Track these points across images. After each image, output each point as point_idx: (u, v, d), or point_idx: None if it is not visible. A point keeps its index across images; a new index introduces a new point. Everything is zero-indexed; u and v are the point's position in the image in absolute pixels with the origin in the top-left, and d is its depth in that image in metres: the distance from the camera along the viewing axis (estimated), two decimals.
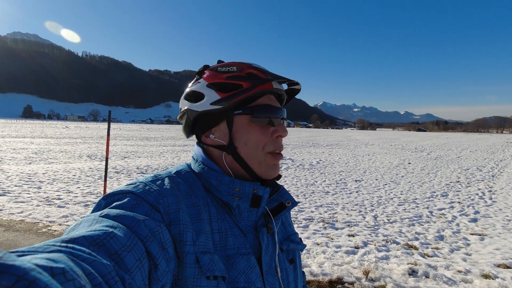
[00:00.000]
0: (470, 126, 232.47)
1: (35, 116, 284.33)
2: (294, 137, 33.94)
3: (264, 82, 0.66)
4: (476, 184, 8.64)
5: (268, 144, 0.67)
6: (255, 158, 0.66)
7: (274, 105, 0.68)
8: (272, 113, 0.67)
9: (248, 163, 0.66)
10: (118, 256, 0.39)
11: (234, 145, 0.66)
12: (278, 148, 0.68)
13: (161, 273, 0.46)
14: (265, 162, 0.67)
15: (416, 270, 3.29)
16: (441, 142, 30.24)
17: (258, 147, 0.66)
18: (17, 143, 16.39)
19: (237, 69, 0.67)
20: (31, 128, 37.50)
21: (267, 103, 0.68)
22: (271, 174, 0.68)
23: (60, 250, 0.33)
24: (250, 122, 0.66)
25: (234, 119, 0.66)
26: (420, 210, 5.85)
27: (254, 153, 0.66)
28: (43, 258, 0.28)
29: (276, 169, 0.69)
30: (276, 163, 0.69)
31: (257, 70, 0.67)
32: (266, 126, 0.67)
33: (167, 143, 20.72)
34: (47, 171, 8.37)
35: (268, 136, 0.67)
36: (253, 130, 0.66)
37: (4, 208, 4.96)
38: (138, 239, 0.44)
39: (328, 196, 6.75)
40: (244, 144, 0.66)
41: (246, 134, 0.66)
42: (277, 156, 0.68)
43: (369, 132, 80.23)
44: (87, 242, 0.38)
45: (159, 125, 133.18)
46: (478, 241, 4.31)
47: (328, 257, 3.63)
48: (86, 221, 0.45)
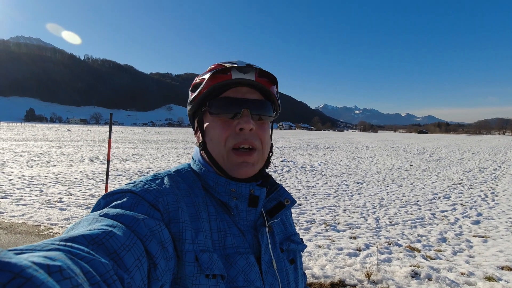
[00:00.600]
0: (472, 128, 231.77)
1: (37, 119, 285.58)
2: (296, 140, 33.92)
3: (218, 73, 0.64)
4: (478, 186, 8.59)
5: (230, 138, 0.63)
6: (219, 153, 0.65)
7: (233, 97, 0.65)
8: (230, 106, 0.64)
9: (216, 159, 0.65)
10: (117, 255, 0.39)
11: (205, 141, 0.67)
12: (240, 141, 0.63)
13: (160, 273, 0.46)
14: (229, 159, 0.64)
15: (419, 272, 3.27)
16: (443, 144, 30.13)
17: (220, 141, 0.64)
18: (20, 146, 16.45)
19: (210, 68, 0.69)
20: (33, 131, 37.68)
21: (228, 95, 0.65)
22: (238, 173, 0.63)
23: (59, 248, 0.33)
24: (213, 117, 0.66)
25: (202, 117, 0.69)
26: (422, 212, 5.82)
27: (217, 148, 0.65)
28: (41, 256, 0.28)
29: (245, 167, 0.63)
30: (245, 161, 0.63)
31: (223, 64, 0.67)
32: (228, 120, 0.65)
33: (168, 145, 20.76)
34: (49, 174, 8.39)
35: (231, 130, 0.64)
36: (216, 125, 0.65)
37: (6, 210, 4.97)
38: (138, 238, 0.44)
39: (329, 198, 6.73)
40: (210, 139, 0.66)
41: (211, 129, 0.66)
42: (241, 154, 0.63)
43: (371, 134, 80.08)
44: (86, 241, 0.38)
45: (160, 127, 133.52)
46: (481, 243, 4.28)
47: (330, 260, 3.61)
48: (85, 220, 0.45)
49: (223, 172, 0.65)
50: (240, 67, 0.64)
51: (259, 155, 0.66)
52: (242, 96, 0.66)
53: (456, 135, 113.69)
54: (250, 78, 0.65)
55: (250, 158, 0.64)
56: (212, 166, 0.67)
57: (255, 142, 0.65)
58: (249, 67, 0.64)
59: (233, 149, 0.64)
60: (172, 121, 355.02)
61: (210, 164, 0.67)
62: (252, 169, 0.65)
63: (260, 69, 0.67)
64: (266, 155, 0.70)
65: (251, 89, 0.67)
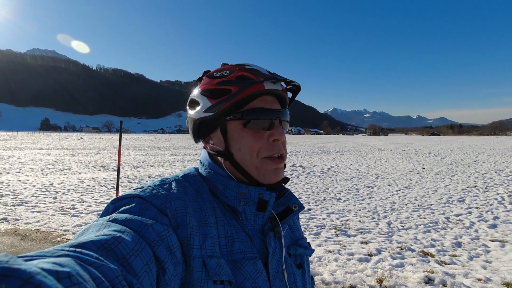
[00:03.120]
0: (486, 129, 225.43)
1: (52, 129, 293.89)
2: (305, 144, 33.73)
3: (253, 84, 0.63)
4: (494, 188, 8.31)
5: (263, 149, 0.64)
6: (251, 163, 0.64)
7: (266, 108, 0.65)
8: (263, 116, 0.64)
9: (245, 168, 0.64)
10: (126, 260, 0.40)
11: (230, 151, 0.65)
12: (274, 152, 0.65)
13: (169, 277, 0.46)
14: (262, 167, 0.64)
15: (433, 278, 3.17)
16: (456, 146, 29.39)
17: (253, 152, 0.63)
18: (35, 154, 16.94)
19: (229, 73, 0.66)
20: (48, 140, 38.75)
21: (259, 106, 0.65)
22: (271, 179, 0.65)
23: (68, 254, 0.33)
24: (242, 127, 0.64)
25: (227, 125, 0.65)
26: (436, 216, 5.67)
27: (249, 158, 0.64)
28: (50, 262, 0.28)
29: (277, 173, 0.66)
30: (277, 168, 0.65)
31: (249, 72, 0.65)
32: (260, 131, 0.64)
33: (178, 152, 20.97)
34: (63, 181, 8.59)
35: (263, 140, 0.64)
36: (246, 135, 0.64)
37: (21, 217, 5.11)
38: (146, 243, 0.44)
39: (340, 203, 6.64)
40: (239, 150, 0.64)
41: (239, 139, 0.64)
42: (275, 161, 0.65)
43: (381, 138, 78.91)
44: (95, 247, 0.38)
45: (170, 134, 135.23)
46: (499, 248, 4.13)
47: (341, 265, 3.55)
48: (94, 226, 0.45)
49: (252, 180, 0.65)
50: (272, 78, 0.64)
51: (284, 160, 0.68)
52: (271, 106, 0.66)
53: (469, 136, 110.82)
54: (278, 88, 0.66)
55: (281, 164, 0.66)
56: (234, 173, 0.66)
57: (283, 150, 0.67)
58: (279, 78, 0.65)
59: (264, 158, 0.64)
60: (182, 127, 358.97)
61: (225, 168, 0.67)
62: (281, 174, 0.67)
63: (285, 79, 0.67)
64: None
65: (274, 98, 0.68)
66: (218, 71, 0.68)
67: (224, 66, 0.69)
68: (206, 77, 0.69)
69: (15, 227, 4.67)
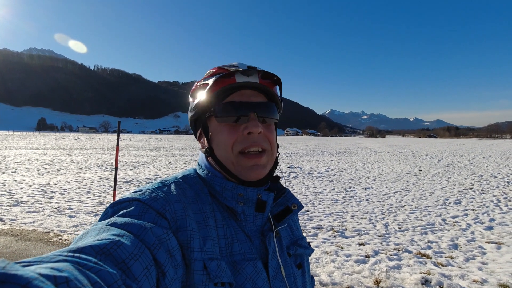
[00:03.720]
0: (482, 132, 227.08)
1: (48, 129, 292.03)
2: (303, 146, 33.79)
3: (222, 77, 0.63)
4: (490, 191, 8.38)
5: (237, 143, 0.63)
6: (227, 158, 0.64)
7: (238, 101, 0.64)
8: (237, 110, 0.63)
9: (225, 164, 0.64)
10: (125, 264, 0.39)
11: (212, 147, 0.66)
12: (248, 145, 0.62)
13: (169, 281, 0.45)
14: (238, 163, 0.63)
15: (430, 279, 3.19)
16: (453, 149, 29.58)
17: (227, 147, 0.63)
18: (31, 154, 16.82)
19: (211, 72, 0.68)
20: (45, 140, 38.50)
21: (233, 100, 0.64)
22: (249, 176, 0.63)
23: (66, 259, 0.33)
24: (218, 122, 0.65)
25: (207, 122, 0.67)
26: (433, 218, 5.70)
27: (225, 154, 0.64)
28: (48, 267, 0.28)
29: (256, 170, 0.63)
30: (256, 164, 0.63)
31: (224, 68, 0.66)
32: (236, 125, 0.64)
33: (175, 153, 20.92)
34: (59, 181, 8.54)
35: (238, 134, 0.63)
36: (222, 130, 0.64)
37: (17, 218, 5.07)
38: (146, 247, 0.44)
39: (337, 204, 6.65)
40: (217, 145, 0.65)
41: (216, 135, 0.65)
42: (250, 157, 0.63)
43: (378, 139, 79.24)
44: (94, 252, 0.38)
45: (168, 135, 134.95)
46: (495, 250, 4.15)
47: (338, 266, 3.55)
48: (93, 230, 0.45)
49: (233, 176, 0.64)
50: (243, 70, 0.63)
51: (269, 157, 0.66)
52: (248, 99, 0.65)
53: (466, 139, 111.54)
54: (254, 80, 0.65)
55: (261, 160, 0.64)
56: (221, 171, 0.66)
57: (264, 144, 0.65)
58: (252, 70, 0.64)
59: (240, 153, 0.63)
60: (179, 128, 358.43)
61: (218, 169, 0.67)
62: (263, 171, 0.65)
63: (263, 71, 0.66)
64: (275, 156, 0.70)
65: (255, 92, 0.66)
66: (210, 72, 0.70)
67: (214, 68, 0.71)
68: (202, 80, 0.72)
69: (11, 227, 4.63)
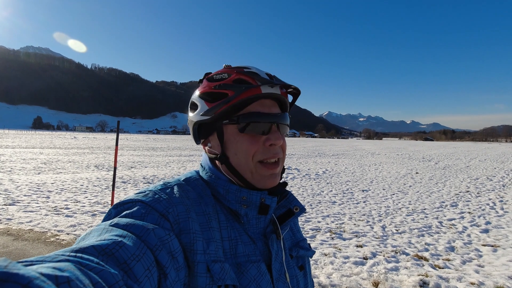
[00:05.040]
0: (478, 135, 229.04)
1: (44, 127, 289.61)
2: (300, 147, 33.85)
3: (249, 88, 0.62)
4: (486, 194, 8.46)
5: (258, 153, 0.63)
6: (246, 168, 0.64)
7: (263, 112, 0.64)
8: (259, 120, 0.63)
9: (241, 172, 0.64)
10: (127, 265, 0.39)
11: (226, 154, 0.65)
12: (270, 156, 0.64)
13: (170, 283, 0.45)
14: (257, 172, 0.64)
15: (427, 281, 3.21)
16: (449, 152, 29.80)
17: (248, 156, 0.63)
18: (27, 153, 16.68)
19: (227, 76, 0.65)
20: (41, 139, 38.20)
21: (256, 110, 0.64)
22: (266, 184, 0.65)
23: (68, 259, 0.33)
24: (238, 131, 0.64)
25: (223, 129, 0.65)
26: (430, 220, 5.74)
27: (244, 163, 0.63)
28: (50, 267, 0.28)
29: (273, 179, 0.65)
30: (273, 173, 0.65)
31: (246, 75, 0.64)
32: (256, 135, 0.64)
33: (173, 153, 20.86)
34: (56, 181, 8.48)
35: (259, 145, 0.64)
36: (242, 139, 0.63)
37: (13, 217, 5.03)
38: (148, 248, 0.44)
39: (335, 206, 6.68)
40: (234, 154, 0.64)
41: (235, 143, 0.64)
42: (269, 166, 0.64)
43: (375, 142, 79.59)
44: (96, 252, 0.38)
45: (165, 135, 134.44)
46: (491, 253, 4.20)
47: (336, 268, 3.56)
48: (96, 231, 0.45)
49: (247, 184, 0.64)
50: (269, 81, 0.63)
51: (281, 165, 0.68)
52: (269, 110, 0.65)
53: (462, 142, 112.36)
54: (277, 92, 0.65)
55: (276, 169, 0.65)
56: (231, 176, 0.66)
57: (280, 154, 0.66)
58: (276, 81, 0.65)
59: (259, 162, 0.64)
60: (177, 128, 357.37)
61: (223, 172, 0.67)
62: (277, 179, 0.66)
63: (284, 83, 0.67)
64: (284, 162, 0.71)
65: (273, 102, 0.67)
66: (218, 73, 0.67)
67: (224, 69, 0.68)
68: (206, 80, 0.69)
69: (8, 226, 4.59)
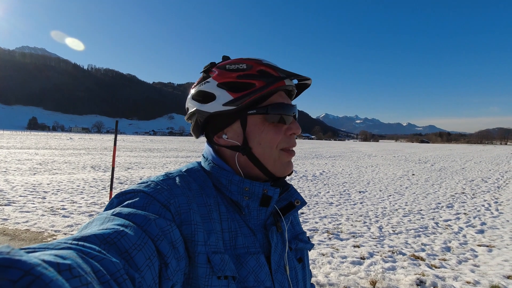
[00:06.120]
0: (473, 138, 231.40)
1: (40, 128, 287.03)
2: (297, 149, 33.88)
3: (277, 80, 0.65)
4: (481, 195, 8.55)
5: (281, 142, 0.67)
6: (270, 157, 0.66)
7: (286, 103, 0.68)
8: (285, 111, 0.67)
9: (263, 162, 0.66)
10: (128, 254, 0.40)
11: (249, 145, 0.66)
12: (291, 145, 0.69)
13: (171, 272, 0.46)
14: (280, 159, 0.67)
15: (424, 280, 3.24)
16: (445, 154, 30.06)
17: (272, 146, 0.66)
18: (22, 154, 16.52)
19: (247, 67, 0.65)
20: (36, 139, 37.85)
21: (280, 101, 0.67)
22: (286, 171, 0.69)
23: (70, 247, 0.33)
24: (263, 121, 0.66)
25: (247, 119, 0.66)
26: (426, 221, 5.79)
27: (268, 152, 0.66)
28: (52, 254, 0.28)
29: (290, 166, 0.70)
30: (290, 160, 0.70)
31: (268, 67, 0.66)
32: (278, 124, 0.67)
33: (170, 154, 20.80)
34: (52, 181, 8.41)
35: (281, 134, 0.67)
36: (267, 129, 0.66)
37: (9, 217, 4.98)
38: (149, 238, 0.45)
39: (332, 207, 6.71)
40: (258, 143, 0.65)
41: (259, 133, 0.65)
42: (290, 153, 0.69)
43: (372, 144, 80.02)
44: (98, 240, 0.38)
45: (162, 136, 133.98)
46: (486, 253, 4.25)
47: (334, 268, 3.59)
48: (98, 220, 0.46)
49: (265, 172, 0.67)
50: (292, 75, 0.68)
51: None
52: (288, 101, 0.70)
53: (457, 144, 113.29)
54: (293, 84, 0.71)
55: (293, 156, 0.70)
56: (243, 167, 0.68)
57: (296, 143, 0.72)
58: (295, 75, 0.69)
59: (282, 150, 0.68)
60: (174, 130, 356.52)
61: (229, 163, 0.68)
62: (292, 166, 0.72)
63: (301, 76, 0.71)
64: None
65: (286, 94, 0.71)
66: (232, 63, 0.66)
67: (239, 60, 0.68)
68: (219, 69, 0.67)
69: (4, 227, 4.55)
